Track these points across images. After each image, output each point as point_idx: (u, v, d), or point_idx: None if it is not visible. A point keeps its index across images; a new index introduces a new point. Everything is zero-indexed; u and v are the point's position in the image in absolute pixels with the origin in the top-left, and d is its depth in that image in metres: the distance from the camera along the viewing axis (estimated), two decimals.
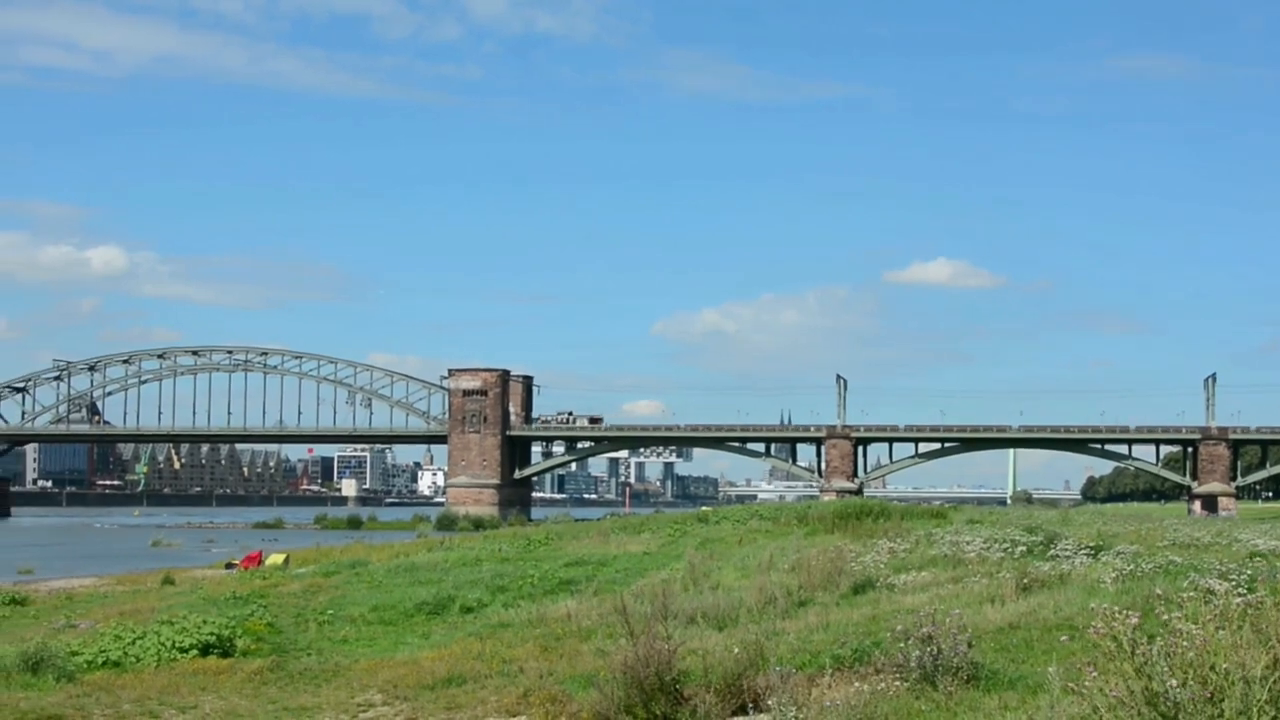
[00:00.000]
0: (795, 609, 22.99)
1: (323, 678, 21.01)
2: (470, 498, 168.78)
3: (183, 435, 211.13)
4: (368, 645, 25.73)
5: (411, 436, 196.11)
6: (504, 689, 18.20)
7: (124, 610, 33.71)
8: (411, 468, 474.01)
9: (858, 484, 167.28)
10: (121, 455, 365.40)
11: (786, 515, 47.64)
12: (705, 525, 49.64)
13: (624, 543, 44.44)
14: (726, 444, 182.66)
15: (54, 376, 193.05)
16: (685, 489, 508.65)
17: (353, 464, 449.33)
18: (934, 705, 14.04)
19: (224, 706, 18.59)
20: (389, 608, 30.36)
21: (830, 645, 17.72)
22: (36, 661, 21.27)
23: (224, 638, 24.30)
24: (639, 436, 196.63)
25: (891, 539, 33.35)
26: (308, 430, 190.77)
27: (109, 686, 20.15)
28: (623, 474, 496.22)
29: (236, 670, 21.59)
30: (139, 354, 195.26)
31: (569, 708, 16.55)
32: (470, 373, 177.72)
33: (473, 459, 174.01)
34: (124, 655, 22.92)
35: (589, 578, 33.36)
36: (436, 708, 17.77)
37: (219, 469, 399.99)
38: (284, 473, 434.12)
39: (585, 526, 58.71)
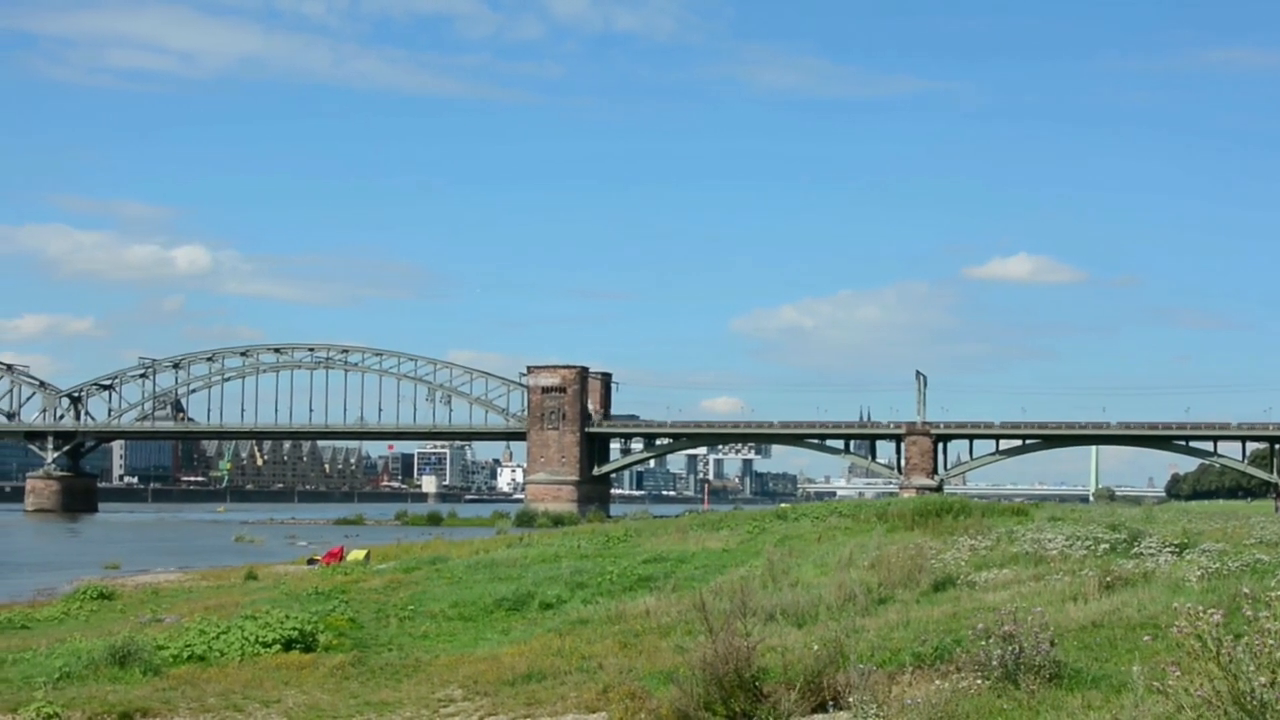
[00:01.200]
0: (875, 606, 22.85)
1: (403, 673, 21.13)
2: (549, 494, 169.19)
3: (265, 432, 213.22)
4: (448, 641, 25.85)
5: (490, 433, 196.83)
6: (583, 685, 18.23)
7: (208, 605, 34.10)
8: (491, 464, 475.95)
9: (937, 481, 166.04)
10: (205, 452, 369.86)
11: (866, 512, 47.32)
12: (784, 522, 49.45)
13: (702, 539, 44.36)
14: (805, 441, 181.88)
15: (140, 374, 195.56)
16: (764, 486, 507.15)
17: (433, 461, 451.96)
18: (1016, 704, 13.91)
19: (307, 701, 18.75)
20: (469, 604, 30.49)
21: (910, 643, 17.60)
22: (124, 655, 21.56)
23: (306, 633, 24.50)
24: (717, 433, 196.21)
25: (972, 536, 33.05)
26: (388, 427, 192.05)
27: (194, 680, 20.39)
28: (701, 471, 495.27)
29: (319, 665, 21.77)
30: (222, 352, 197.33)
31: (648, 704, 16.54)
32: (549, 370, 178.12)
33: (551, 456, 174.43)
34: (208, 650, 23.17)
35: (668, 574, 33.35)
36: (516, 703, 17.83)
37: (301, 466, 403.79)
38: (365, 469, 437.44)
39: (664, 523, 58.68)
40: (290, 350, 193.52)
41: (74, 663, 21.68)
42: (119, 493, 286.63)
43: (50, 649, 24.66)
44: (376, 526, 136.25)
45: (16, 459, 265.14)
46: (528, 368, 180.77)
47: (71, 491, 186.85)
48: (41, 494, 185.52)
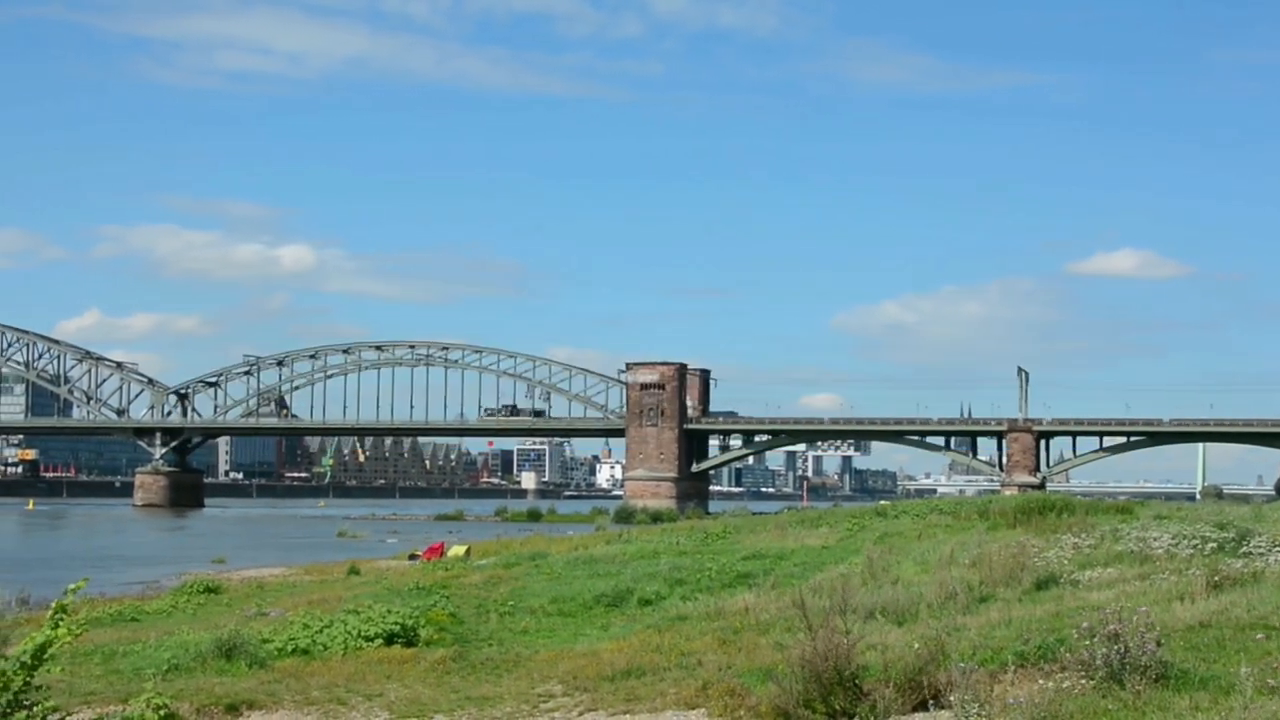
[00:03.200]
0: (976, 605, 22.62)
1: (504, 668, 21.24)
2: (648, 491, 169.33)
3: (367, 429, 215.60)
4: (547, 636, 25.94)
5: (589, 430, 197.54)
6: (682, 681, 18.21)
7: (312, 599, 34.48)
8: (590, 461, 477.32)
9: (1040, 478, 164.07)
10: (309, 448, 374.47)
11: (967, 510, 46.87)
12: (884, 519, 49.11)
13: (802, 536, 44.17)
14: (905, 437, 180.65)
15: (244, 371, 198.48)
16: (863, 483, 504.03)
17: (532, 457, 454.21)
18: (1121, 704, 13.72)
19: (408, 695, 18.90)
20: (568, 599, 30.58)
21: (1013, 642, 17.39)
22: (230, 648, 21.88)
23: (408, 627, 24.70)
24: (816, 430, 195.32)
25: (1075, 534, 32.60)
26: (488, 423, 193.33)
27: (298, 673, 20.64)
28: (800, 467, 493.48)
29: (420, 659, 21.94)
30: (325, 349, 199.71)
31: (747, 701, 16.50)
32: (648, 366, 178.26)
33: (650, 452, 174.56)
34: (312, 643, 23.43)
35: (767, 571, 33.25)
36: (616, 699, 17.86)
37: (402, 462, 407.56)
38: (465, 466, 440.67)
39: (762, 520, 58.51)
40: (391, 348, 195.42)
41: (182, 655, 22.03)
42: (225, 488, 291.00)
43: (159, 641, 25.05)
44: (476, 522, 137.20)
45: (126, 455, 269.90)
46: (626, 364, 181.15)
47: (179, 487, 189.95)
48: (150, 489, 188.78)
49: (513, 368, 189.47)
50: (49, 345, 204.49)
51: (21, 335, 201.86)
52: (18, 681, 7.75)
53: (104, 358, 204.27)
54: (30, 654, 7.81)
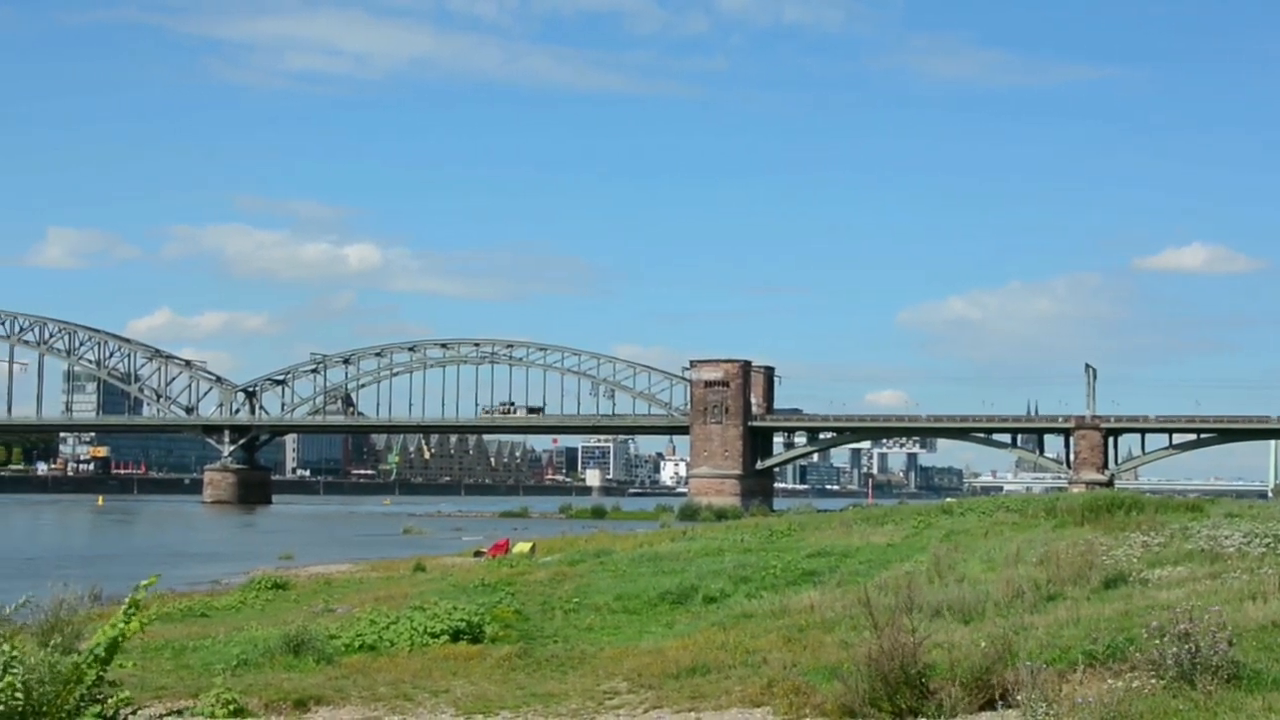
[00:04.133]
0: (1043, 603, 22.45)
1: (569, 665, 21.29)
2: (712, 488, 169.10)
3: (432, 426, 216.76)
4: (612, 634, 25.97)
5: (654, 427, 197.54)
6: (747, 679, 18.18)
7: (378, 596, 34.69)
8: (654, 458, 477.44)
9: (1108, 476, 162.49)
10: (375, 445, 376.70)
11: (1034, 507, 46.52)
12: (950, 517, 48.83)
13: (867, 534, 44.00)
14: (971, 435, 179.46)
15: (311, 369, 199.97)
16: (929, 480, 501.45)
17: (596, 454, 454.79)
18: (1192, 704, 13.57)
19: (474, 691, 18.98)
20: (633, 597, 30.60)
21: (1081, 641, 17.25)
22: (298, 644, 22.05)
23: (473, 624, 24.80)
24: (881, 427, 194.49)
25: (1144, 532, 32.32)
26: (552, 420, 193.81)
27: (365, 669, 20.77)
28: (865, 465, 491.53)
29: (486, 656, 22.02)
30: (390, 347, 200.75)
31: (813, 699, 16.45)
32: (712, 364, 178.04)
33: (714, 449, 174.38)
34: (379, 639, 23.57)
35: (832, 569, 33.15)
36: (681, 697, 17.85)
37: (467, 459, 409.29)
38: (529, 463, 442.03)
39: (827, 517, 58.34)
40: (456, 345, 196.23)
41: (251, 650, 22.24)
42: (292, 485, 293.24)
43: (228, 637, 25.31)
44: (541, 519, 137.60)
45: (195, 452, 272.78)
46: (691, 362, 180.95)
47: (247, 484, 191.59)
48: (219, 486, 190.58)
49: (577, 365, 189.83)
50: (120, 344, 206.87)
51: (93, 334, 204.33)
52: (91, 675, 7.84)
53: (173, 356, 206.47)
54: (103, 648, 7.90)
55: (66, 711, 7.70)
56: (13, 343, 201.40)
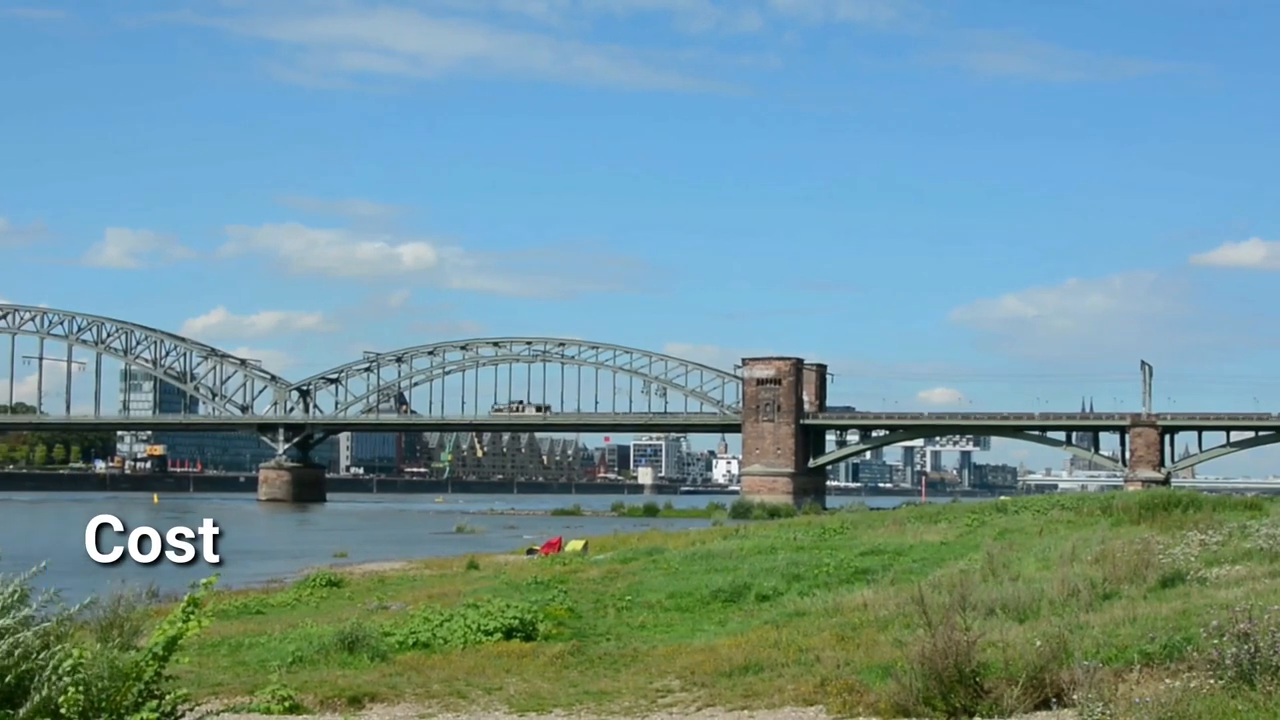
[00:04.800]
0: (1099, 602, 22.28)
1: (621, 662, 21.31)
2: (764, 486, 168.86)
3: (485, 424, 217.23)
4: (665, 631, 25.98)
5: (706, 425, 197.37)
6: (800, 677, 18.15)
7: (431, 593, 34.84)
8: (706, 456, 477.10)
9: (1164, 474, 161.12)
10: (428, 444, 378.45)
11: (1089, 505, 46.22)
12: (1004, 515, 48.57)
13: (920, 532, 43.84)
14: (1025, 432, 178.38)
15: (364, 368, 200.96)
16: (982, 478, 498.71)
17: (648, 452, 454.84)
18: (1251, 705, 13.43)
19: (527, 689, 19.03)
20: (685, 594, 30.60)
21: (1138, 640, 17.11)
22: (352, 641, 22.17)
23: (526, 622, 24.86)
24: (934, 425, 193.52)
25: (1202, 531, 32.02)
26: (605, 418, 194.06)
27: (419, 666, 20.86)
28: (918, 463, 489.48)
29: (539, 654, 22.07)
30: (443, 345, 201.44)
31: (866, 698, 16.41)
32: (764, 361, 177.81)
33: (766, 447, 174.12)
34: (432, 637, 23.67)
35: (885, 567, 33.03)
36: (733, 695, 17.84)
37: (519, 457, 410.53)
38: (582, 461, 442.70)
39: (880, 515, 58.18)
40: (509, 344, 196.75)
41: (306, 647, 22.38)
42: (346, 483, 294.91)
43: (283, 634, 25.47)
44: (593, 517, 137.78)
45: (250, 450, 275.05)
46: (743, 360, 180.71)
47: (301, 482, 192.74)
48: (273, 484, 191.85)
49: (629, 363, 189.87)
50: (176, 343, 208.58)
51: (150, 333, 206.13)
52: (150, 671, 7.92)
53: (228, 355, 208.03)
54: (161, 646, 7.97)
55: (125, 707, 7.78)
56: (71, 342, 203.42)
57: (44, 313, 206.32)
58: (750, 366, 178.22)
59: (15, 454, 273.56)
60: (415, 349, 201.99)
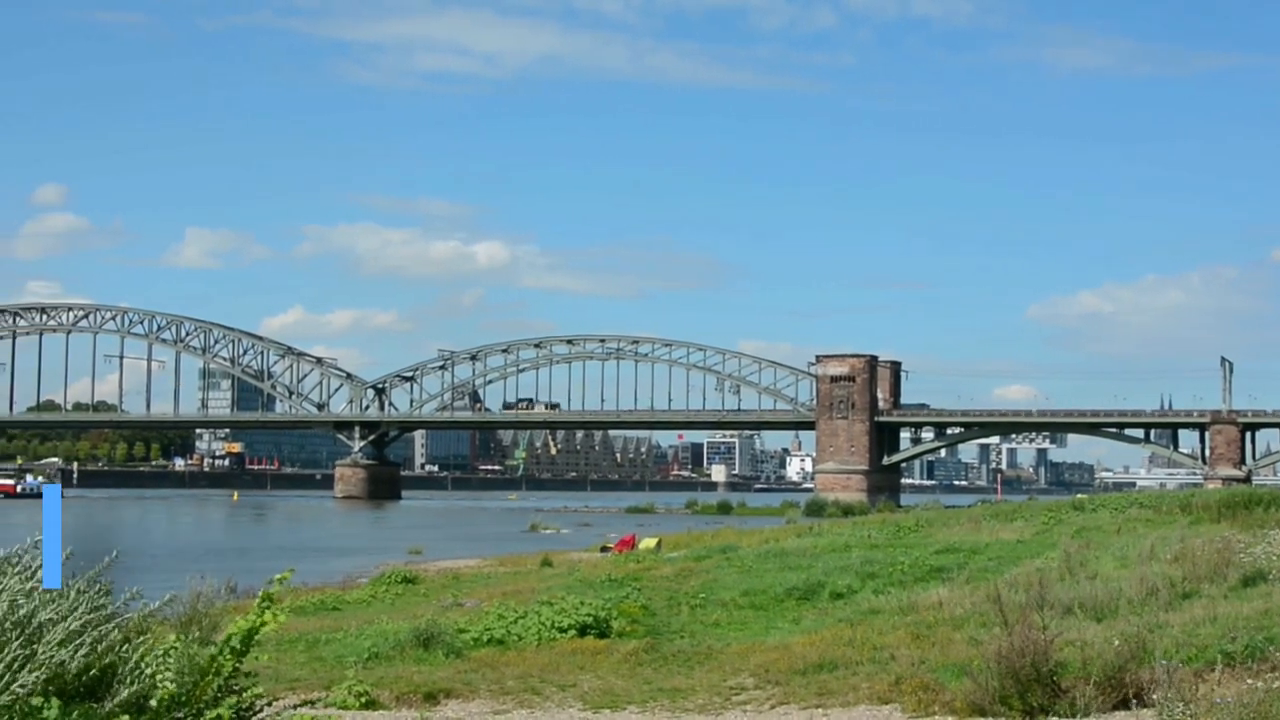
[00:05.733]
0: (1178, 601, 22.02)
1: (695, 660, 21.29)
2: (838, 484, 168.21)
3: (558, 421, 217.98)
4: (739, 629, 25.94)
5: (779, 423, 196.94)
6: (875, 676, 18.06)
7: (506, 590, 34.96)
8: (780, 454, 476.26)
9: (1245, 471, 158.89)
10: (501, 441, 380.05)
11: (1168, 503, 45.66)
12: (1081, 513, 48.07)
13: (996, 530, 43.48)
14: (1102, 430, 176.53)
15: (439, 366, 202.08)
16: (1059, 476, 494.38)
17: (722, 450, 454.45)
18: None
19: (601, 686, 19.06)
20: (759, 592, 30.54)
21: (1218, 640, 16.89)
22: (427, 638, 22.30)
23: (600, 619, 24.89)
24: (1010, 422, 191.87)
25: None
26: (678, 416, 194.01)
27: (493, 663, 20.94)
28: (993, 460, 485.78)
29: (612, 651, 22.09)
30: (517, 344, 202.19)
31: (942, 696, 16.30)
32: (838, 359, 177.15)
33: (840, 445, 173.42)
34: (507, 634, 23.74)
35: (960, 565, 32.80)
36: (808, 693, 17.78)
37: (593, 455, 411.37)
38: (655, 458, 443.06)
39: (955, 513, 57.77)
40: (582, 341, 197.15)
41: (382, 644, 22.53)
42: (420, 481, 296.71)
43: (359, 630, 25.65)
44: (667, 515, 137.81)
45: (326, 448, 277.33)
46: (816, 357, 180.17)
47: (377, 479, 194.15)
48: (349, 481, 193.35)
49: (702, 361, 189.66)
50: (253, 341, 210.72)
51: (228, 332, 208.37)
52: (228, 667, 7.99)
53: (305, 353, 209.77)
54: (238, 640, 8.04)
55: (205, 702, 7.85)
56: (151, 341, 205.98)
57: (124, 312, 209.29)
58: (824, 364, 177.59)
59: (97, 451, 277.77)
60: (489, 347, 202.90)
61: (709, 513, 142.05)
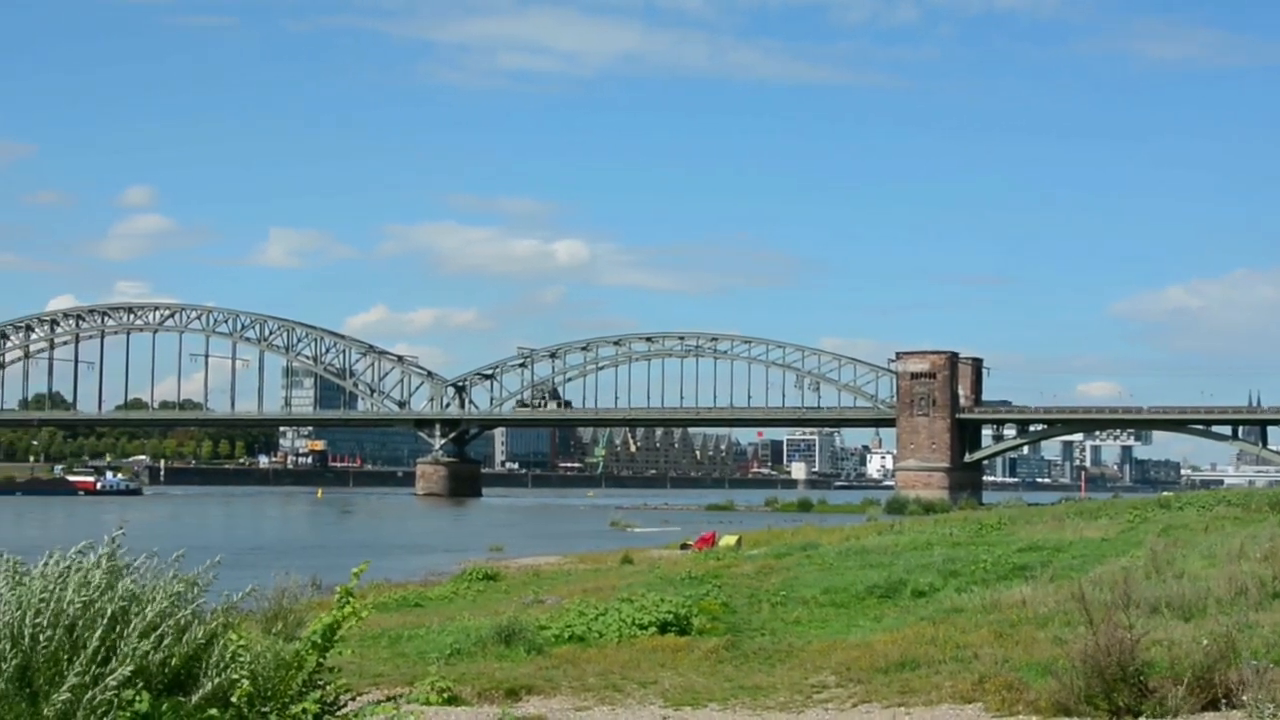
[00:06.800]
0: (1269, 601, 21.69)
1: (776, 658, 21.21)
2: (919, 481, 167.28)
3: (638, 419, 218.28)
4: (819, 627, 25.82)
5: (859, 420, 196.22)
6: (958, 675, 17.91)
7: (586, 587, 35.01)
8: (860, 451, 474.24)
9: None
10: (581, 439, 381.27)
11: (1257, 501, 45.06)
12: (1167, 511, 47.54)
13: (1080, 528, 43.05)
14: (1188, 426, 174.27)
15: (519, 364, 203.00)
16: (1144, 473, 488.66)
17: (801, 447, 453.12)
18: None
19: (682, 683, 19.03)
20: (840, 590, 30.39)
21: None
22: (509, 634, 22.36)
23: (681, 616, 24.84)
24: (1094, 419, 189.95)
25: None
26: (757, 413, 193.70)
27: (574, 660, 20.97)
28: (1077, 458, 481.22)
29: (693, 648, 22.06)
30: (596, 341, 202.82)
31: (1026, 695, 16.14)
32: (918, 355, 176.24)
33: (921, 442, 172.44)
34: (587, 631, 23.76)
35: (1044, 564, 32.47)
36: (889, 691, 17.67)
37: (672, 452, 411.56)
38: (734, 456, 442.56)
39: (1038, 511, 57.29)
40: (661, 339, 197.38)
41: (463, 640, 22.62)
42: (501, 478, 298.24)
43: (441, 626, 25.78)
44: (746, 512, 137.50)
45: (408, 445, 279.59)
46: (897, 354, 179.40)
47: (457, 477, 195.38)
48: (430, 479, 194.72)
49: (782, 358, 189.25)
50: (335, 340, 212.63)
51: (310, 331, 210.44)
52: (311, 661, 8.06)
53: (386, 351, 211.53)
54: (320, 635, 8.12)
55: (289, 696, 7.93)
56: (235, 340, 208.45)
57: (209, 311, 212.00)
58: (904, 360, 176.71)
59: (183, 449, 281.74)
60: (568, 345, 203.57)
61: (789, 510, 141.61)
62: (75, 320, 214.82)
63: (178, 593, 7.92)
